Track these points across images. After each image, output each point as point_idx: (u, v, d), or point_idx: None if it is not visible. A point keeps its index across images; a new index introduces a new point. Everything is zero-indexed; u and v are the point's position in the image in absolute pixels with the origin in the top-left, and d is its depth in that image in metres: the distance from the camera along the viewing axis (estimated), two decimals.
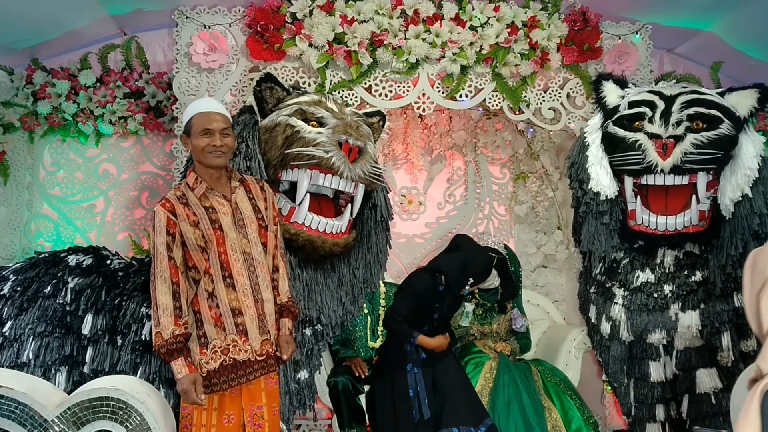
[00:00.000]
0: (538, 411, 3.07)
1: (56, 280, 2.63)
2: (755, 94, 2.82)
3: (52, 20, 3.47)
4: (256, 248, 2.34)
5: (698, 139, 2.70)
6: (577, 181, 3.01)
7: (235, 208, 2.33)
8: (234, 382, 2.22)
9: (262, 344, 2.28)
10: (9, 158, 3.70)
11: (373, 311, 3.55)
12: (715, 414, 2.89)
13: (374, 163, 2.75)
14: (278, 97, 2.82)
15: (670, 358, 3.04)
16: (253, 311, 2.28)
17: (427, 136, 4.16)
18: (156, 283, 2.19)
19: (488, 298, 3.57)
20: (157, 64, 3.83)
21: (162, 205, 2.24)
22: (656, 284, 2.94)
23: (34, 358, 2.47)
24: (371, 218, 2.93)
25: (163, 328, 2.15)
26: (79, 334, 2.56)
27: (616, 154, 2.86)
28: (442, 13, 3.33)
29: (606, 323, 3.09)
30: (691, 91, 2.88)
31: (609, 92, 3.05)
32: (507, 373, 3.19)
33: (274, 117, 2.74)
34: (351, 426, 3.15)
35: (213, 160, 2.29)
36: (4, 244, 3.69)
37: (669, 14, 3.70)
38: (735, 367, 2.88)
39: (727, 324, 2.85)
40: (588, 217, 2.98)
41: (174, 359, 2.14)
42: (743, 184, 2.70)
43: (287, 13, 3.25)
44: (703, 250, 2.90)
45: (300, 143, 2.62)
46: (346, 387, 3.16)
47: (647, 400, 3.08)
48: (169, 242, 2.20)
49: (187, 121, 2.34)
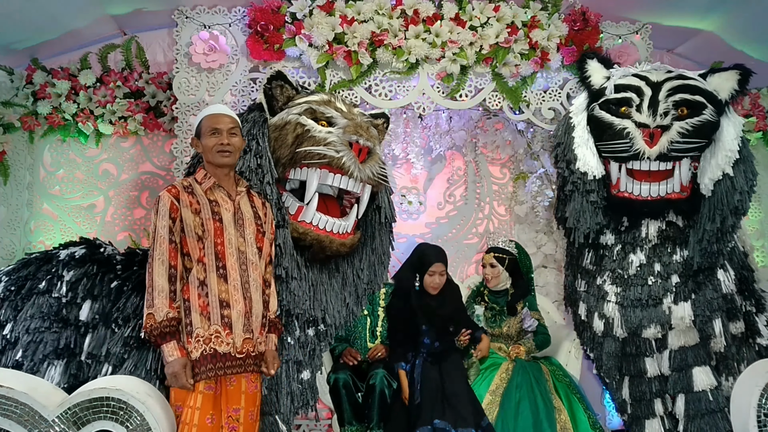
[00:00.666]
0: (549, 411, 3.06)
1: (50, 275, 2.60)
2: (736, 76, 2.87)
3: (52, 20, 3.47)
4: (251, 249, 2.39)
5: (683, 128, 2.76)
6: (564, 161, 3.05)
7: (236, 208, 2.41)
8: (212, 373, 2.23)
9: (243, 342, 2.30)
10: (9, 158, 3.71)
11: (372, 312, 3.55)
12: (712, 411, 2.94)
13: (382, 165, 2.76)
14: (288, 96, 2.82)
15: (663, 357, 3.06)
16: (242, 306, 2.31)
17: (427, 136, 4.16)
18: (154, 265, 2.22)
19: (498, 301, 3.56)
20: (157, 64, 3.83)
21: (168, 190, 2.32)
22: (648, 265, 2.97)
23: (31, 354, 2.45)
24: (375, 220, 2.94)
25: (156, 309, 2.17)
26: (76, 324, 2.53)
27: (604, 141, 2.90)
28: (442, 13, 3.33)
29: (599, 320, 3.11)
30: (676, 75, 2.91)
31: (594, 71, 3.08)
32: (522, 375, 3.20)
33: (284, 115, 2.73)
34: (351, 423, 3.15)
35: (221, 158, 2.38)
36: (4, 244, 3.69)
37: (669, 14, 3.70)
38: (727, 351, 2.98)
39: (717, 311, 2.95)
40: (574, 194, 3.02)
41: (166, 342, 2.17)
42: (724, 165, 2.77)
43: (287, 13, 3.25)
44: (686, 224, 2.95)
45: (310, 142, 2.62)
46: (347, 383, 3.16)
47: (645, 397, 3.09)
48: (170, 226, 2.25)
49: (197, 124, 2.45)
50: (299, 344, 2.76)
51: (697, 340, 2.99)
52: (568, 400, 3.17)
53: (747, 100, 4.19)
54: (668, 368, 3.03)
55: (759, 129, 4.24)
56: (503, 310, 3.53)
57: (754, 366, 2.66)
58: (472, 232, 4.24)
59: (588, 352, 3.29)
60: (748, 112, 4.20)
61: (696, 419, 2.95)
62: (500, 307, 3.54)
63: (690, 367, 2.99)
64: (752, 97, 4.21)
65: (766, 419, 2.44)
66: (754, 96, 4.21)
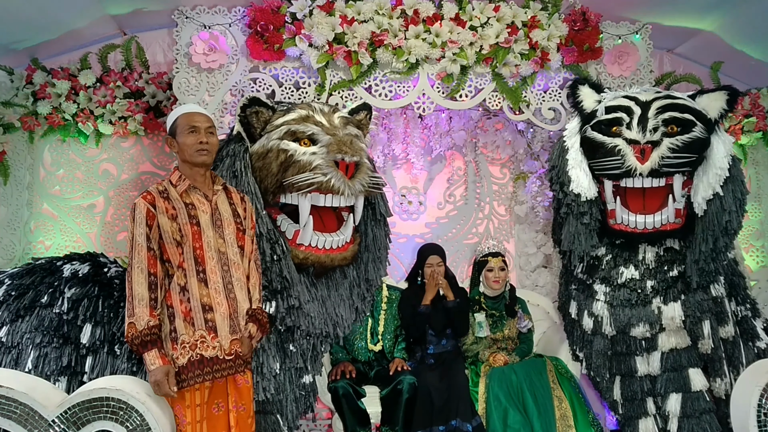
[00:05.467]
0: (539, 403, 3.12)
1: (52, 289, 2.60)
2: (724, 96, 2.92)
3: (52, 20, 3.47)
4: (232, 249, 2.38)
5: (674, 143, 2.81)
6: (558, 184, 3.11)
7: (214, 209, 2.39)
8: (200, 378, 2.24)
9: (231, 343, 2.31)
10: (9, 158, 3.71)
11: (373, 314, 3.54)
12: (709, 410, 3.01)
13: (372, 173, 2.75)
14: (265, 119, 2.75)
15: (652, 358, 3.09)
16: (225, 309, 2.31)
17: (427, 136, 4.16)
18: (133, 273, 2.21)
19: (496, 306, 3.59)
20: (157, 64, 3.83)
21: (143, 197, 2.30)
22: (640, 280, 3.03)
23: (33, 369, 2.45)
24: (370, 216, 2.94)
25: (137, 318, 2.17)
26: (77, 343, 2.53)
27: (596, 159, 2.96)
28: (442, 13, 3.33)
29: (588, 319, 3.16)
30: (665, 96, 2.98)
31: (585, 97, 3.14)
32: (498, 383, 3.23)
33: (264, 142, 2.69)
34: (356, 430, 3.14)
35: (199, 157, 2.37)
36: (4, 244, 3.69)
37: (669, 14, 3.70)
38: (714, 353, 3.02)
39: (707, 313, 2.99)
40: (569, 217, 3.08)
41: (147, 351, 2.16)
42: (714, 183, 2.81)
43: (287, 13, 3.25)
44: (683, 246, 3.00)
45: (295, 168, 2.61)
46: (347, 392, 3.15)
47: (637, 396, 3.13)
48: (147, 233, 2.24)
49: (171, 123, 2.43)
50: (301, 351, 2.78)
51: (689, 342, 3.04)
52: (570, 396, 3.20)
53: (747, 100, 4.19)
54: (658, 369, 3.07)
55: (759, 129, 4.24)
56: (503, 314, 3.57)
57: (754, 366, 2.66)
58: (472, 232, 4.24)
59: (577, 351, 3.34)
60: (748, 112, 4.20)
61: (692, 418, 3.00)
62: (500, 312, 3.58)
63: (684, 368, 3.04)
64: (752, 97, 4.21)
65: (766, 419, 2.44)
66: (754, 96, 4.21)
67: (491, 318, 3.56)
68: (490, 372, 3.30)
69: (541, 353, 3.58)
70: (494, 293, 3.60)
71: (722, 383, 3.02)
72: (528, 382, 3.21)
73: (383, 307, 3.56)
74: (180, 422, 2.25)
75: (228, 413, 2.32)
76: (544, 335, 3.88)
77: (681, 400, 3.02)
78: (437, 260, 3.56)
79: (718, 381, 3.03)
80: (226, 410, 2.32)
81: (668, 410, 3.04)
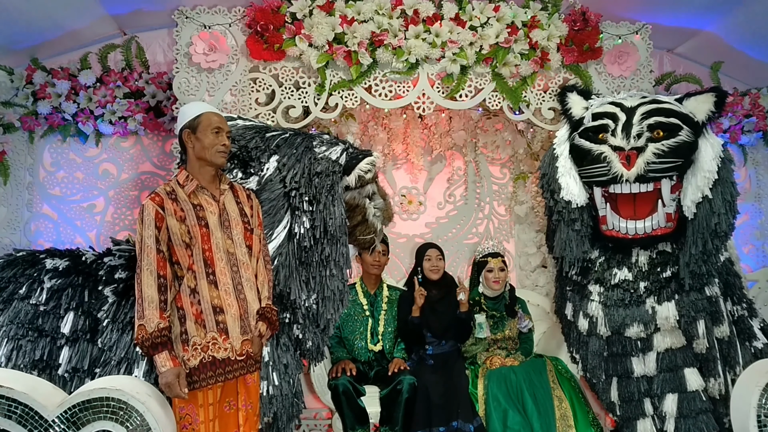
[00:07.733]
0: (539, 403, 3.12)
1: (32, 280, 2.55)
2: (712, 98, 2.90)
3: (52, 20, 3.47)
4: (241, 249, 2.39)
5: (659, 149, 2.80)
6: (549, 191, 3.11)
7: (222, 209, 2.39)
8: (212, 380, 2.25)
9: (242, 344, 2.32)
10: (9, 158, 3.71)
11: (373, 314, 3.54)
12: (705, 410, 3.00)
13: (384, 207, 2.91)
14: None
15: (648, 358, 3.09)
16: (236, 310, 2.31)
17: (427, 136, 4.16)
18: (142, 275, 2.21)
19: (496, 307, 3.59)
20: (157, 64, 3.84)
21: (151, 198, 2.29)
22: (633, 282, 3.03)
23: (6, 361, 2.40)
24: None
25: (147, 320, 2.17)
26: (54, 335, 2.47)
27: (584, 167, 2.96)
28: (442, 13, 3.33)
29: (583, 320, 3.16)
30: (650, 100, 2.97)
31: (574, 104, 3.14)
32: (497, 384, 3.23)
33: (356, 195, 2.75)
34: (354, 428, 3.14)
35: (219, 158, 2.40)
36: (4, 244, 3.68)
37: (669, 14, 3.70)
38: (709, 353, 3.01)
39: (702, 312, 2.98)
40: (560, 224, 3.08)
41: (158, 352, 2.16)
42: (703, 186, 2.80)
43: (287, 13, 3.25)
44: (675, 248, 3.00)
45: (363, 229, 2.80)
46: (347, 389, 3.15)
47: (634, 397, 3.12)
48: (156, 235, 2.24)
49: (193, 117, 2.40)
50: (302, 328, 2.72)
51: (684, 342, 3.04)
52: (570, 397, 3.20)
53: (747, 100, 4.20)
54: (654, 369, 3.07)
55: (759, 129, 4.24)
56: (503, 315, 3.57)
57: (754, 366, 2.66)
58: (472, 232, 4.25)
59: (574, 353, 3.34)
60: (748, 112, 4.20)
61: (688, 419, 2.99)
62: (500, 312, 3.58)
63: (680, 368, 3.04)
64: (752, 97, 4.21)
65: (766, 419, 2.43)
66: (754, 96, 4.21)
67: (492, 319, 3.56)
68: (489, 373, 3.30)
69: (541, 353, 3.59)
70: (494, 294, 3.60)
71: (716, 383, 3.02)
72: (528, 382, 3.22)
73: (383, 308, 3.56)
74: (193, 421, 2.26)
75: (238, 411, 2.34)
76: (544, 335, 3.88)
77: (677, 401, 3.02)
78: (436, 253, 3.61)
79: (712, 381, 3.03)
80: (236, 408, 2.34)
81: (665, 411, 3.04)
